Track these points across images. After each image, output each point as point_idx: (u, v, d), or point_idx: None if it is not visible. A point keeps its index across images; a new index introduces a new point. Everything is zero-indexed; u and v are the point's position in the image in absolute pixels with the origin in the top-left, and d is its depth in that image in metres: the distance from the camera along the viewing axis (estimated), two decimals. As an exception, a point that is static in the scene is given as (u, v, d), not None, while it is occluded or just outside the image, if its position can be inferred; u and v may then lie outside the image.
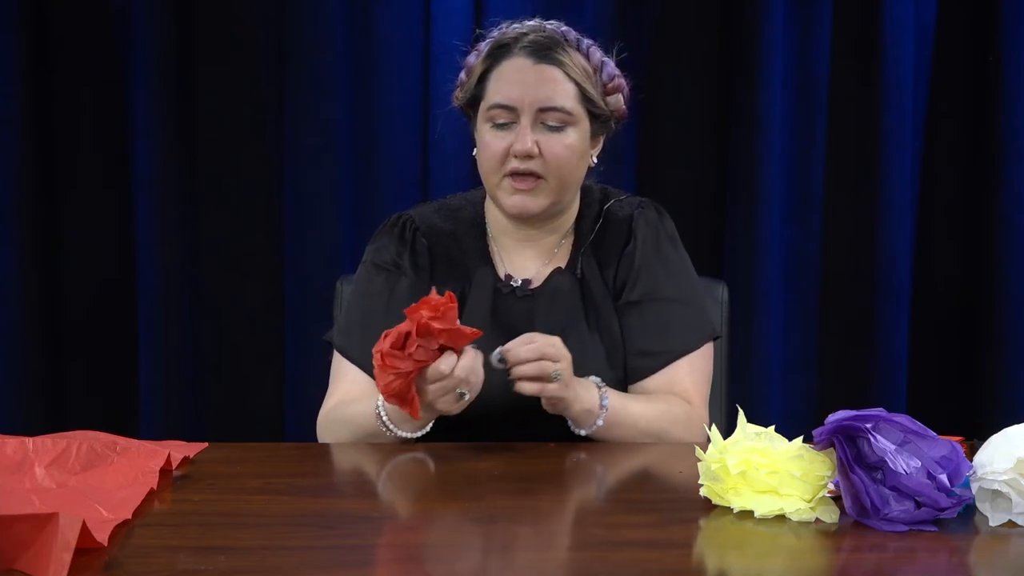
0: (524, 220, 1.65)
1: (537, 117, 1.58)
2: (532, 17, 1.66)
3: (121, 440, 1.32)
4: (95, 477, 1.22)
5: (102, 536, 1.02)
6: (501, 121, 1.59)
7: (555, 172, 1.59)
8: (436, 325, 1.39)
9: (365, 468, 1.50)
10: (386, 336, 1.41)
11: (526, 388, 1.45)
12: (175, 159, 2.48)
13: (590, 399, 1.51)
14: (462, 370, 1.41)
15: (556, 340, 1.48)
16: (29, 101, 2.45)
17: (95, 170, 2.51)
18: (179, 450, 1.35)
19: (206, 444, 1.41)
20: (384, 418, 1.51)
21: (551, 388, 1.45)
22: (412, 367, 1.40)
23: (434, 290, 1.44)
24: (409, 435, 1.51)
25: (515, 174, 1.59)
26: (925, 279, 2.62)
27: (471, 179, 2.42)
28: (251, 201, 2.52)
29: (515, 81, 1.59)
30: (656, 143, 2.54)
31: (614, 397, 1.54)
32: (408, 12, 2.49)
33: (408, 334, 1.40)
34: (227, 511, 1.19)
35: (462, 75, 1.68)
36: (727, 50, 2.54)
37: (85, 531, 0.98)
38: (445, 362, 1.41)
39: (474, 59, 1.65)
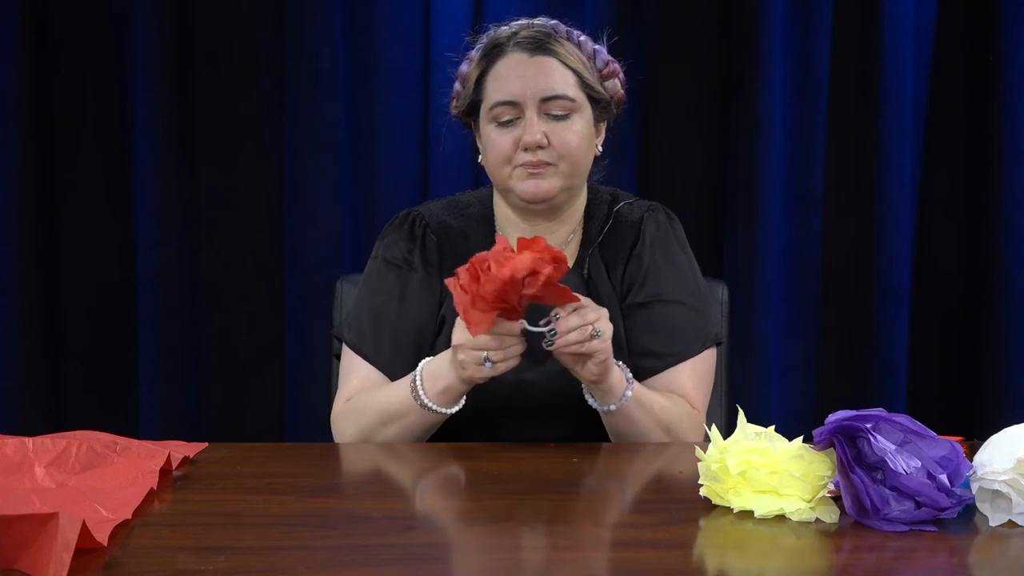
0: (538, 206, 1.64)
1: (541, 108, 1.59)
2: (518, 17, 1.67)
3: (121, 440, 1.32)
4: (95, 477, 1.22)
5: (102, 536, 1.02)
6: (506, 119, 1.60)
7: (566, 159, 1.60)
8: (555, 283, 1.37)
9: (365, 468, 1.50)
10: (505, 262, 1.35)
11: (571, 338, 1.42)
12: (175, 159, 2.48)
13: (619, 376, 1.52)
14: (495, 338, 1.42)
15: (604, 312, 1.47)
16: (29, 101, 2.45)
17: (95, 170, 2.51)
18: (179, 450, 1.35)
19: (206, 444, 1.41)
20: (420, 391, 1.51)
21: (594, 343, 1.43)
22: (509, 305, 1.38)
23: (543, 241, 1.39)
24: (443, 410, 1.52)
25: (526, 166, 1.59)
26: (925, 279, 2.62)
27: (471, 179, 2.44)
28: (251, 201, 2.52)
29: (514, 76, 1.60)
30: (656, 143, 2.54)
31: (637, 383, 1.55)
32: (408, 12, 2.49)
33: (523, 280, 1.35)
34: (227, 511, 1.19)
35: (457, 86, 1.69)
36: (727, 50, 2.54)
37: (85, 531, 0.98)
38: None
39: (467, 67, 1.66)
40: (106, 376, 2.55)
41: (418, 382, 1.52)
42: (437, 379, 1.51)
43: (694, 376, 1.64)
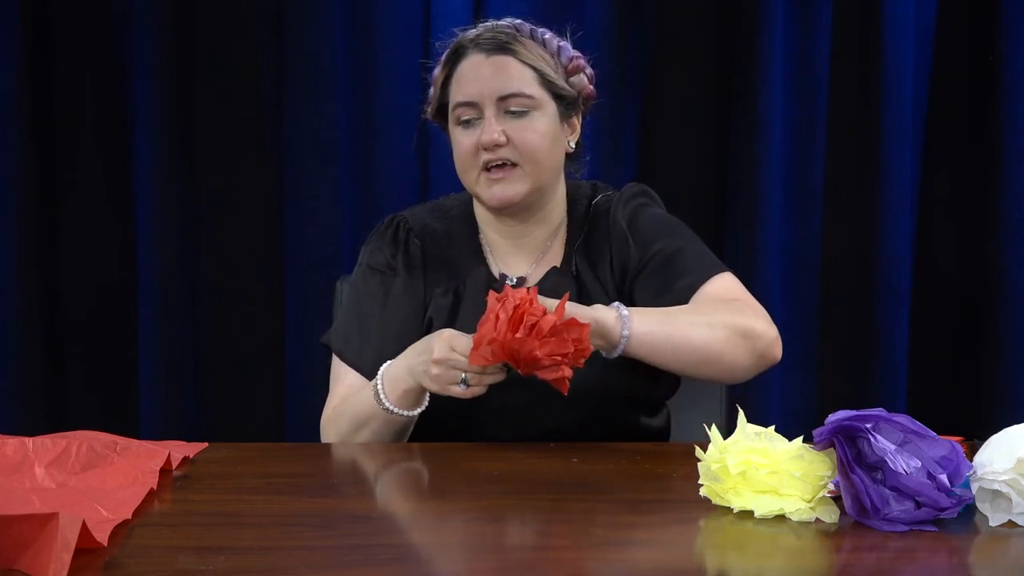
0: (508, 211, 1.65)
1: (500, 106, 1.60)
2: (487, 19, 1.68)
3: (121, 440, 1.32)
4: (95, 477, 1.22)
5: (102, 536, 1.02)
6: (467, 118, 1.62)
7: (528, 157, 1.61)
8: (563, 371, 1.39)
9: (365, 468, 1.50)
10: (544, 339, 1.37)
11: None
12: (175, 159, 2.48)
13: (605, 318, 1.48)
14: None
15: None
16: (29, 101, 2.45)
17: (95, 170, 2.51)
18: (179, 450, 1.35)
19: (206, 444, 1.41)
20: (382, 395, 1.52)
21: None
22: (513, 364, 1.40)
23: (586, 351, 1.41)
24: (406, 412, 1.53)
25: (488, 167, 1.60)
26: (925, 279, 2.62)
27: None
28: (251, 201, 2.52)
29: (472, 77, 1.62)
30: (656, 143, 2.54)
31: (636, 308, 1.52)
32: (408, 12, 2.49)
33: (542, 368, 1.39)
34: (227, 511, 1.19)
35: (431, 89, 1.70)
36: (727, 50, 2.54)
37: (85, 531, 0.98)
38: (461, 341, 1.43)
39: (437, 70, 1.68)
40: (106, 376, 2.55)
41: (379, 387, 1.53)
42: (397, 382, 1.52)
43: (731, 283, 1.60)
